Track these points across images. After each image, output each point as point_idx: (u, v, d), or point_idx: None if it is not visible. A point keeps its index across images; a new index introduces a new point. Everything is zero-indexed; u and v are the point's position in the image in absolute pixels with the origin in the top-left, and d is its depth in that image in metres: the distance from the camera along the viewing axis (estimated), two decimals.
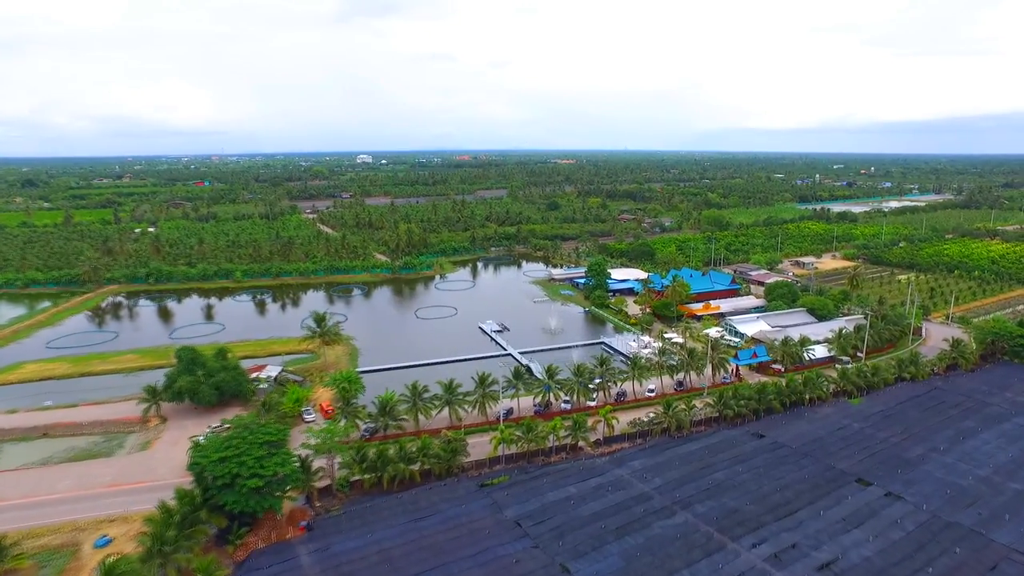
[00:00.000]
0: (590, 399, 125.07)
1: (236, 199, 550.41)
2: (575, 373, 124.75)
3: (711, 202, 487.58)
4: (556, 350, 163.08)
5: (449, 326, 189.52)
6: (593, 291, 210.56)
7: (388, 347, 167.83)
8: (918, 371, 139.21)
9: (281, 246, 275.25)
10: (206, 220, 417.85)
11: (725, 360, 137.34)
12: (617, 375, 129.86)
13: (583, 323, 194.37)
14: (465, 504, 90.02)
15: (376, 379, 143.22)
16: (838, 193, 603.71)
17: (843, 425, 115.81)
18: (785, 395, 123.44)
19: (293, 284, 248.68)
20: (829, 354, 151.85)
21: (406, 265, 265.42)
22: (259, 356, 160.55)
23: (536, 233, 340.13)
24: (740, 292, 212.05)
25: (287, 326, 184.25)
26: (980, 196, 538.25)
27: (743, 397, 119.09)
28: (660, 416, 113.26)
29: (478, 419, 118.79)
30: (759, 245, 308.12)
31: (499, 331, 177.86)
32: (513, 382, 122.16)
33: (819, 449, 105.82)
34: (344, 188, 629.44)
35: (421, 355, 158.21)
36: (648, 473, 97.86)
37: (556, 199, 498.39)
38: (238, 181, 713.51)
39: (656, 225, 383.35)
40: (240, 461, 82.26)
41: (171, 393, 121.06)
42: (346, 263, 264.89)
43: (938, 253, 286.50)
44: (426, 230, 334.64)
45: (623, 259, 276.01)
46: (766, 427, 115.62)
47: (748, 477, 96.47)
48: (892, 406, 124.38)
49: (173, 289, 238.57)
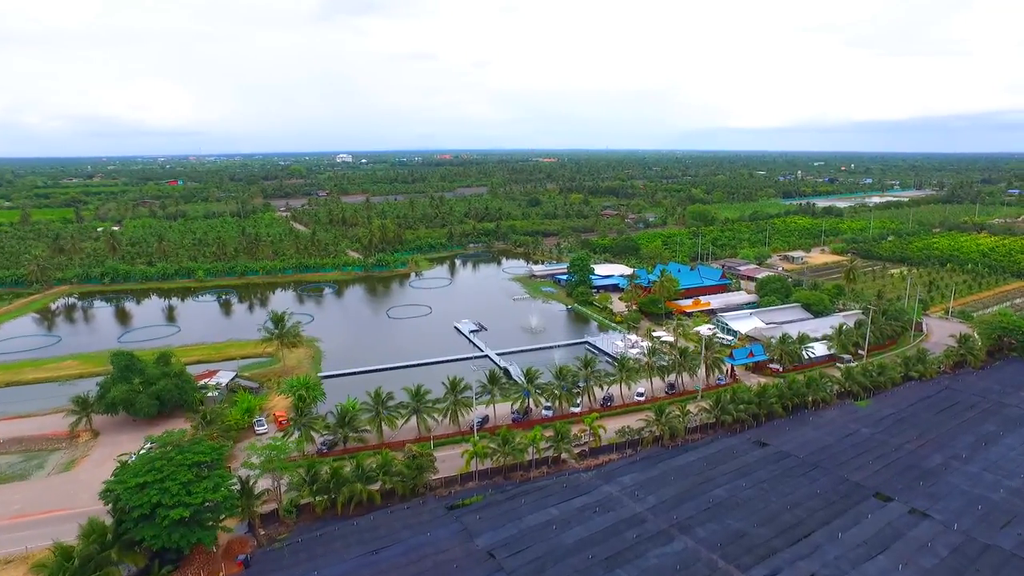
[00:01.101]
0: (574, 405, 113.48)
1: (208, 198, 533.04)
2: (557, 376, 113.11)
3: (695, 198, 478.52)
4: (537, 350, 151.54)
5: (423, 326, 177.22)
6: (576, 288, 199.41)
7: (356, 349, 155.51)
8: (926, 369, 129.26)
9: (247, 243, 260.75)
10: (174, 219, 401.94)
11: (720, 360, 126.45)
12: (603, 378, 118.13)
13: (565, 321, 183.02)
14: (431, 531, 77.89)
15: (340, 384, 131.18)
16: (821, 189, 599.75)
17: (852, 430, 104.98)
18: (787, 397, 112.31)
19: (259, 283, 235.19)
20: (829, 352, 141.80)
21: (379, 262, 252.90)
22: (213, 360, 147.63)
23: (516, 229, 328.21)
24: (730, 288, 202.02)
25: (249, 328, 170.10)
26: (961, 191, 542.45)
27: (742, 401, 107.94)
28: (651, 423, 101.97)
29: (449, 429, 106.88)
30: (746, 240, 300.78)
31: (476, 331, 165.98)
32: (488, 387, 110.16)
33: (829, 459, 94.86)
34: (321, 186, 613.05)
35: (391, 358, 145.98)
36: (640, 490, 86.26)
37: (537, 195, 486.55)
38: (211, 180, 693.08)
39: (640, 221, 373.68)
40: (163, 487, 69.41)
41: (103, 404, 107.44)
42: (316, 261, 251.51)
43: (928, 247, 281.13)
44: (403, 226, 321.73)
45: (607, 255, 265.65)
46: (768, 434, 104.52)
47: (753, 493, 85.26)
48: (903, 408, 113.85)
49: (130, 289, 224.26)
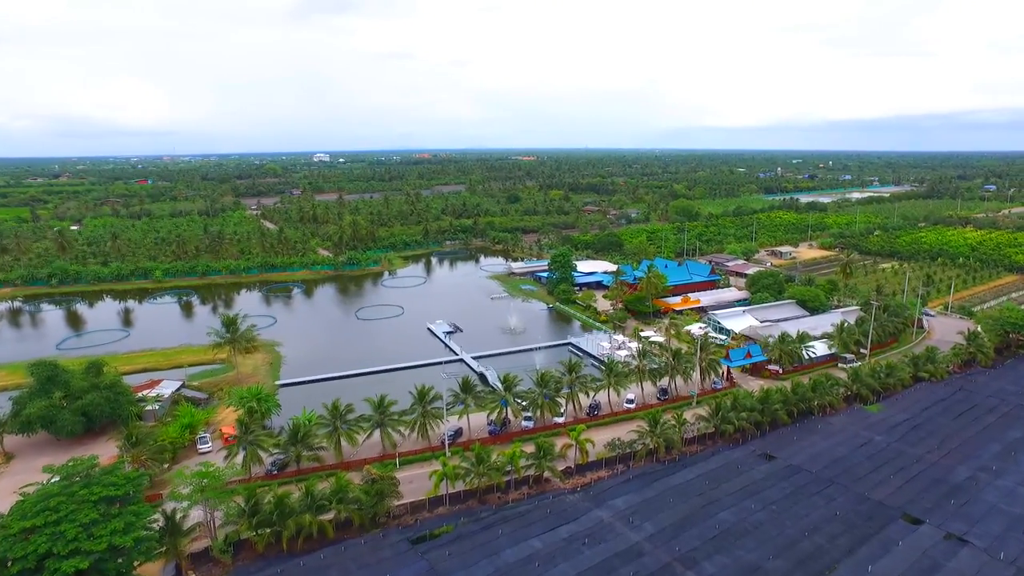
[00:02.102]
0: (557, 414, 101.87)
1: (177, 196, 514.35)
2: (538, 383, 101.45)
3: (677, 194, 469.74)
4: (516, 353, 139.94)
5: (393, 328, 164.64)
6: (557, 285, 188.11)
7: (320, 354, 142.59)
8: (936, 370, 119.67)
9: (211, 242, 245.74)
10: (138, 217, 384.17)
11: (716, 362, 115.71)
12: (589, 384, 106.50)
13: (547, 321, 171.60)
14: (391, 571, 65.90)
15: (299, 394, 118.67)
16: (802, 185, 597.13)
17: (866, 439, 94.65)
18: (792, 403, 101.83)
19: (222, 284, 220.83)
20: (830, 351, 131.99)
21: (350, 261, 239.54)
22: (161, 368, 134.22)
23: (495, 226, 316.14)
24: (719, 284, 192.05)
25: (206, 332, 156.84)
26: (941, 187, 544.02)
27: (744, 408, 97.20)
28: (644, 434, 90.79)
29: (418, 444, 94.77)
30: (731, 235, 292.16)
31: (450, 332, 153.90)
32: (461, 396, 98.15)
33: (845, 473, 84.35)
34: (295, 185, 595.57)
35: (357, 363, 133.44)
36: (636, 515, 74.93)
37: (517, 192, 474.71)
38: (182, 179, 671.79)
39: (622, 217, 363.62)
40: (56, 531, 56.65)
41: (18, 423, 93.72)
42: (283, 260, 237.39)
43: (916, 241, 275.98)
44: (376, 224, 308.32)
45: (589, 251, 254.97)
46: (774, 445, 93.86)
47: (764, 517, 74.36)
48: (917, 413, 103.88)
49: (81, 292, 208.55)
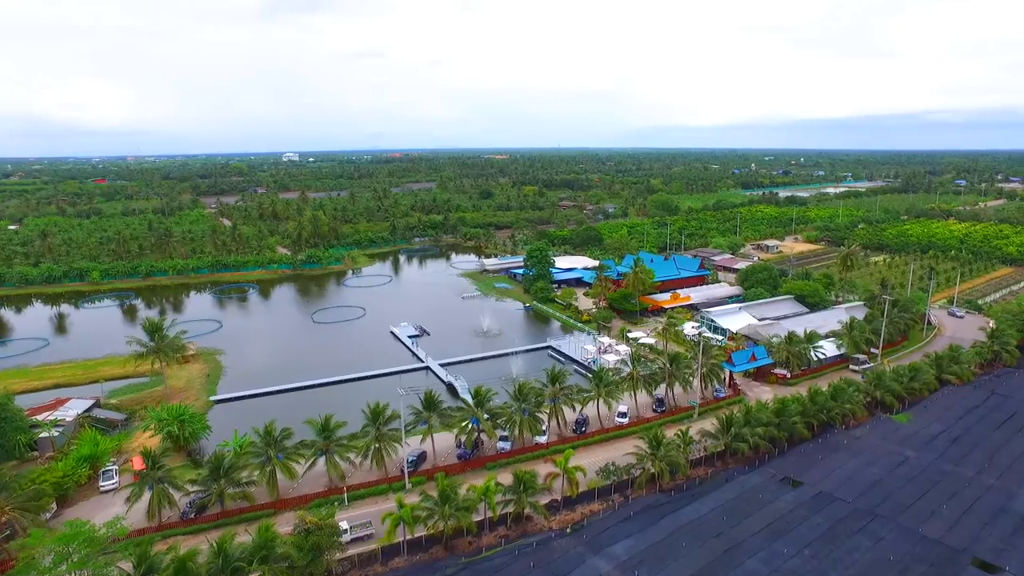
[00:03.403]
0: (539, 433, 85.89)
1: (134, 195, 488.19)
2: (516, 396, 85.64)
3: (654, 188, 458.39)
4: (490, 359, 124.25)
5: (353, 332, 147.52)
6: (534, 283, 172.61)
7: (266, 363, 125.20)
8: (961, 371, 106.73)
9: (156, 240, 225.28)
10: (87, 216, 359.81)
11: (718, 367, 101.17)
12: (575, 395, 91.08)
13: (523, 322, 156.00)
14: None
15: (238, 411, 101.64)
16: (778, 180, 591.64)
17: (902, 457, 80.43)
18: (811, 414, 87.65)
19: (168, 285, 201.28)
20: (839, 352, 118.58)
21: (310, 259, 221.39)
22: (78, 383, 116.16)
23: (467, 221, 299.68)
24: (708, 279, 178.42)
25: (125, 340, 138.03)
26: (915, 181, 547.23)
27: (758, 421, 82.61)
28: (644, 457, 75.69)
29: (372, 474, 78.36)
30: (714, 229, 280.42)
31: (416, 336, 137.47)
32: (424, 415, 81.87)
33: (887, 502, 69.95)
34: (260, 183, 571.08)
35: (308, 373, 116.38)
36: (642, 566, 59.43)
37: (489, 188, 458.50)
38: (140, 179, 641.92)
39: (599, 212, 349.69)
40: None
41: None
42: (236, 259, 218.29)
43: (902, 234, 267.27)
44: (340, 220, 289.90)
45: (566, 246, 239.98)
46: (796, 466, 79.14)
47: (800, 564, 59.46)
48: (952, 423, 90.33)
49: (5, 295, 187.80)
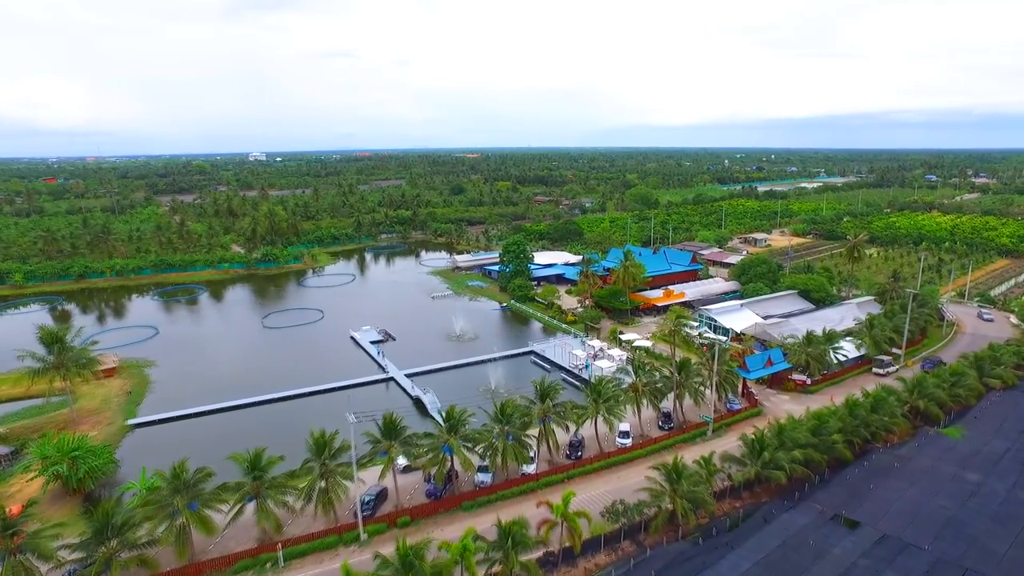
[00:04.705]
0: (526, 461, 69.87)
1: (84, 194, 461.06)
2: (498, 417, 69.40)
3: (630, 184, 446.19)
4: (464, 367, 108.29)
5: (308, 337, 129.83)
6: (512, 280, 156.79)
7: (203, 376, 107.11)
8: (1005, 374, 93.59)
9: (92, 238, 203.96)
10: (27, 215, 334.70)
11: (733, 375, 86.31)
12: (570, 412, 75.14)
13: (501, 324, 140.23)
14: None
15: (161, 438, 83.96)
16: (753, 176, 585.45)
17: (971, 485, 65.72)
18: (850, 431, 73.09)
19: (105, 288, 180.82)
20: (859, 353, 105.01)
21: (266, 257, 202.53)
22: None
23: (437, 217, 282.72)
24: (700, 274, 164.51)
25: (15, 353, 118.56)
26: (890, 176, 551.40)
27: (794, 442, 67.66)
28: (660, 493, 60.32)
29: (317, 523, 61.52)
30: (697, 223, 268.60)
31: (379, 341, 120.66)
32: (384, 444, 65.12)
33: (974, 550, 54.95)
34: (222, 182, 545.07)
35: (252, 387, 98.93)
36: None
37: (461, 184, 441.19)
38: (94, 178, 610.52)
39: (575, 207, 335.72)
40: None
41: None
42: (183, 258, 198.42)
43: (890, 226, 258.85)
44: (303, 216, 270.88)
45: (544, 241, 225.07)
46: (845, 499, 63.93)
47: None
48: (1017, 439, 75.98)
49: None
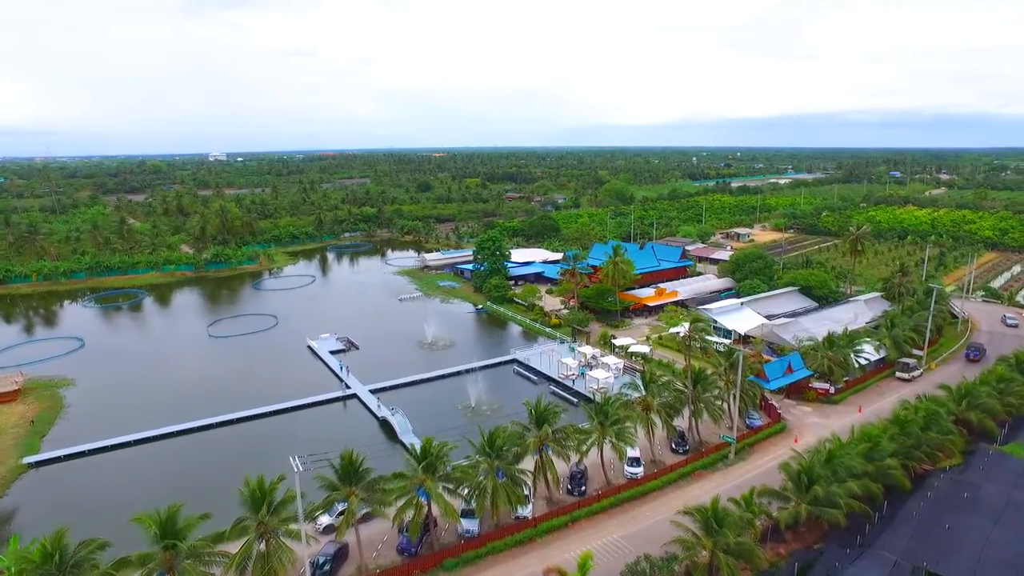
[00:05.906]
0: (521, 502, 56.43)
1: (22, 194, 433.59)
2: (483, 450, 55.70)
3: (602, 180, 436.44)
4: (437, 380, 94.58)
5: (259, 348, 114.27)
6: (487, 279, 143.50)
7: (129, 398, 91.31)
8: None
9: (15, 239, 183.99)
10: None
11: (755, 386, 74.12)
12: (572, 436, 61.84)
13: (477, 328, 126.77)
14: None
15: (65, 482, 68.43)
16: (724, 172, 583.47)
17: None
18: (904, 452, 61.50)
19: (29, 294, 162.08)
20: (879, 355, 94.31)
21: (217, 258, 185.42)
22: None
23: (404, 214, 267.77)
24: (689, 271, 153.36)
25: None
26: (858, 172, 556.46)
27: (848, 471, 55.58)
28: (694, 544, 47.65)
29: None
30: (675, 218, 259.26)
31: (341, 351, 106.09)
32: (342, 491, 50.83)
33: None
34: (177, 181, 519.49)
35: (186, 411, 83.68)
36: None
37: (428, 181, 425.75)
38: (37, 177, 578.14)
39: (548, 203, 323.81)
40: None
41: None
42: (122, 259, 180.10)
43: (870, 220, 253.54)
44: (260, 215, 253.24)
45: (519, 238, 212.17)
46: (918, 543, 51.91)
47: None
48: None
49: None
